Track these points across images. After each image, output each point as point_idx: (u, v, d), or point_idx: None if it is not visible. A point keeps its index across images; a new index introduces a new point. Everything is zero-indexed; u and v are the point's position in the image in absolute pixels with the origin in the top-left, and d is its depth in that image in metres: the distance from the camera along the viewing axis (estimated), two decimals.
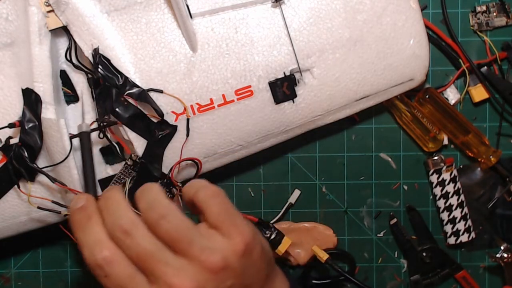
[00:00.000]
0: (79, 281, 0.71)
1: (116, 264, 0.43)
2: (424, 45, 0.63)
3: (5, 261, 0.70)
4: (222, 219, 0.46)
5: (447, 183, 0.68)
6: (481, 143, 0.68)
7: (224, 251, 0.44)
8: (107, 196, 0.47)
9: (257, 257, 0.47)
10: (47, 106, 0.57)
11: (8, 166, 0.58)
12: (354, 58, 0.62)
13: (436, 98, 0.67)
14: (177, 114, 0.60)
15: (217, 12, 0.60)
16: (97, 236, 0.44)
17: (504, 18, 0.68)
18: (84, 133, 0.55)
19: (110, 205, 0.46)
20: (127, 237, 0.44)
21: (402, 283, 0.71)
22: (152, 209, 0.45)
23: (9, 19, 0.58)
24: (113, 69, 0.58)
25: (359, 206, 0.71)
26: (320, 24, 0.61)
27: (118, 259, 0.44)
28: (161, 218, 0.44)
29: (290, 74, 0.61)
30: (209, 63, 0.60)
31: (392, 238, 0.71)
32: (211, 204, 0.46)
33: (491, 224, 0.70)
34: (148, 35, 0.59)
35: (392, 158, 0.70)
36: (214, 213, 0.46)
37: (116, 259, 0.43)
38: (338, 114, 0.64)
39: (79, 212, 0.46)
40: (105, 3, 0.59)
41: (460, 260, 0.71)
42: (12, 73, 0.58)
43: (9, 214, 0.60)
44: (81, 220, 0.46)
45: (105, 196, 0.47)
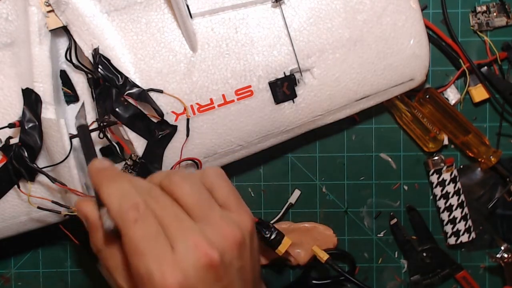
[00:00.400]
0: (79, 281, 0.71)
1: (148, 212, 0.42)
2: (424, 45, 0.63)
3: (5, 261, 0.70)
4: (232, 199, 0.46)
5: (447, 183, 0.68)
6: (481, 143, 0.68)
7: (240, 226, 0.44)
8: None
9: (257, 242, 0.47)
10: (47, 106, 0.57)
11: (8, 166, 0.58)
12: (354, 58, 0.62)
13: (436, 98, 0.67)
14: (177, 114, 0.60)
15: (217, 12, 0.60)
16: (128, 187, 0.43)
17: (504, 18, 0.68)
18: (82, 126, 0.55)
19: (131, 176, 0.46)
20: (152, 199, 0.43)
21: (402, 283, 0.71)
22: (170, 177, 0.45)
23: (9, 19, 0.58)
24: (113, 69, 0.58)
25: (359, 206, 0.71)
26: (320, 24, 0.61)
27: (149, 209, 0.42)
28: (181, 181, 0.44)
29: (290, 74, 0.61)
30: (209, 63, 0.60)
31: (392, 238, 0.71)
32: (221, 183, 0.46)
33: (491, 224, 0.70)
34: (148, 35, 0.59)
35: (392, 158, 0.70)
36: (224, 192, 0.46)
37: (147, 208, 0.42)
38: (338, 114, 0.64)
39: (109, 168, 0.45)
40: (105, 3, 0.59)
41: (460, 260, 0.71)
42: (12, 73, 0.58)
43: (9, 214, 0.60)
44: (111, 173, 0.45)
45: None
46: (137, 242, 0.41)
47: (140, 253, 0.41)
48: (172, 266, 0.40)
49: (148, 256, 0.41)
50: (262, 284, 0.51)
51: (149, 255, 0.41)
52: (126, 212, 0.41)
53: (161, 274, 0.40)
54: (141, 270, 0.41)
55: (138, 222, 0.41)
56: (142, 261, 0.41)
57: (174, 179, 0.44)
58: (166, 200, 0.44)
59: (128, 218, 0.41)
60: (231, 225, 0.43)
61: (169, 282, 0.40)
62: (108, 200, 0.43)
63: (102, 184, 0.44)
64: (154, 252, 0.41)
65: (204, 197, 0.44)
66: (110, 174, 0.45)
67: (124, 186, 0.43)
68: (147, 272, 0.40)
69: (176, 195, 0.44)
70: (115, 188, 0.43)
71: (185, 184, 0.44)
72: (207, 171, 0.47)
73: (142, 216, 0.41)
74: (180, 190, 0.44)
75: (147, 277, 0.40)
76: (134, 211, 0.41)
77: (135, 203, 0.42)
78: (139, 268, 0.41)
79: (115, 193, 0.43)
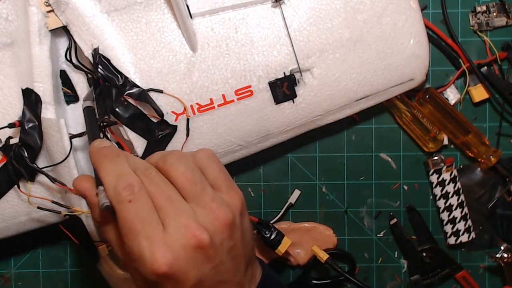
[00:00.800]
0: (79, 281, 0.71)
1: (142, 193, 0.43)
2: (424, 45, 0.63)
3: (5, 261, 0.70)
4: (222, 179, 0.47)
5: (447, 183, 0.68)
6: (481, 143, 0.68)
7: (230, 206, 0.45)
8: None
9: (249, 221, 0.48)
10: (47, 106, 0.57)
11: (8, 166, 0.58)
12: (354, 58, 0.62)
13: (436, 98, 0.67)
14: (177, 114, 0.60)
15: (217, 12, 0.60)
16: (125, 168, 0.45)
17: (504, 18, 0.68)
18: (88, 107, 0.56)
19: (129, 156, 0.47)
20: (147, 178, 0.44)
21: (402, 283, 0.71)
22: (165, 157, 0.46)
23: (9, 19, 0.58)
24: (113, 69, 0.58)
25: (359, 206, 0.71)
26: (320, 24, 0.61)
27: (143, 190, 0.43)
28: (176, 161, 0.45)
29: (290, 74, 0.61)
30: (209, 63, 0.60)
31: (392, 238, 0.71)
32: (212, 164, 0.47)
33: (491, 224, 0.70)
34: (148, 35, 0.59)
35: (392, 158, 0.70)
36: (215, 172, 0.47)
37: (142, 188, 0.43)
38: (338, 114, 0.64)
39: (108, 148, 0.47)
40: (105, 3, 0.59)
41: (460, 260, 0.71)
42: (12, 73, 0.58)
43: (9, 214, 0.60)
44: (109, 153, 0.46)
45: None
46: (131, 222, 0.42)
47: (133, 232, 0.42)
48: (162, 246, 0.42)
49: (140, 236, 0.42)
50: (255, 262, 0.52)
51: (141, 235, 0.42)
52: (121, 192, 0.43)
53: (151, 254, 0.41)
54: (133, 248, 0.42)
55: (132, 202, 0.42)
56: (135, 241, 0.42)
57: (169, 160, 0.45)
58: (160, 180, 0.45)
59: (123, 198, 0.43)
60: (222, 206, 0.44)
61: (160, 262, 0.41)
62: (105, 180, 0.44)
63: (100, 163, 0.45)
64: (146, 232, 0.42)
65: (197, 177, 0.45)
66: (109, 153, 0.46)
67: (121, 166, 0.45)
68: (139, 251, 0.42)
69: (170, 174, 0.45)
70: (112, 168, 0.45)
71: (179, 164, 0.45)
72: (199, 153, 0.47)
73: (136, 196, 0.43)
74: (174, 170, 0.45)
75: (138, 256, 0.42)
76: (128, 191, 0.43)
77: (130, 184, 0.43)
78: (131, 246, 0.42)
79: (112, 173, 0.44)
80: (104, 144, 0.47)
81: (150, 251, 0.41)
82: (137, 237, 0.42)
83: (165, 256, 0.42)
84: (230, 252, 0.45)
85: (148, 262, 0.41)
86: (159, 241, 0.42)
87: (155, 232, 0.42)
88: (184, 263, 0.42)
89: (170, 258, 0.42)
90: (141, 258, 0.42)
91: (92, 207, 0.47)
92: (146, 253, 0.42)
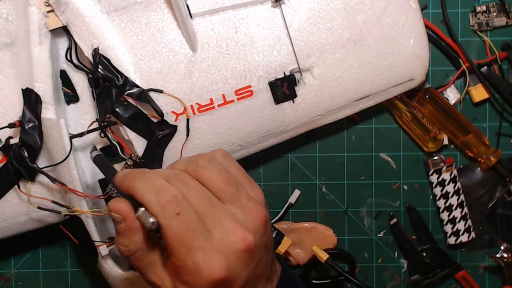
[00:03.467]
0: (79, 281, 0.71)
1: (186, 202, 0.42)
2: (424, 45, 0.63)
3: (5, 261, 0.70)
4: (243, 176, 0.46)
5: (447, 183, 0.68)
6: (481, 143, 0.68)
7: (260, 203, 0.45)
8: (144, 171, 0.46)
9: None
10: (47, 106, 0.57)
11: (8, 166, 0.58)
12: (354, 58, 0.62)
13: (436, 98, 0.67)
14: (177, 114, 0.60)
15: (217, 12, 0.60)
16: (160, 181, 0.43)
17: (504, 18, 0.68)
18: (98, 156, 0.56)
19: (156, 170, 0.46)
20: (184, 185, 0.43)
21: (402, 283, 0.71)
22: (196, 161, 0.45)
23: (9, 19, 0.58)
24: (113, 69, 0.58)
25: (359, 206, 0.71)
26: (320, 24, 0.61)
27: (186, 199, 0.42)
28: (208, 163, 0.44)
29: (290, 74, 0.61)
30: (209, 63, 0.60)
31: (392, 238, 0.71)
32: (231, 163, 0.46)
33: (491, 224, 0.70)
34: (148, 35, 0.59)
35: (392, 158, 0.70)
36: (234, 170, 0.46)
37: (185, 198, 0.42)
38: (338, 114, 0.64)
39: (133, 171, 0.45)
40: (105, 3, 0.59)
41: (460, 260, 0.71)
42: (12, 73, 0.58)
43: (9, 214, 0.60)
44: (137, 174, 0.44)
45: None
46: (181, 235, 0.41)
47: (186, 245, 0.41)
48: (216, 254, 0.41)
49: (194, 248, 0.41)
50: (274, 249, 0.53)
51: (194, 246, 0.41)
52: (166, 206, 0.41)
53: (207, 264, 0.41)
54: (187, 262, 0.41)
55: (180, 215, 0.41)
56: (188, 254, 0.41)
57: (201, 163, 0.44)
58: (197, 185, 0.44)
59: (170, 212, 0.41)
60: (256, 204, 0.44)
61: (217, 271, 0.41)
62: (145, 198, 0.42)
63: (133, 185, 0.43)
64: (198, 243, 0.41)
65: (231, 178, 0.45)
66: (136, 174, 0.44)
67: (155, 180, 0.43)
68: (194, 263, 0.41)
69: (204, 178, 0.44)
70: (147, 185, 0.43)
71: (213, 167, 0.44)
72: (216, 154, 0.46)
73: (183, 207, 0.41)
74: (209, 173, 0.44)
75: (193, 268, 0.41)
76: (173, 203, 0.41)
77: (173, 195, 0.42)
78: (184, 260, 0.41)
79: (149, 190, 0.42)
80: (126, 171, 0.46)
81: (205, 261, 0.41)
82: (191, 250, 0.41)
83: (220, 263, 0.41)
84: (265, 246, 0.45)
85: (206, 273, 0.41)
86: (211, 249, 0.41)
87: (206, 241, 0.41)
88: (236, 267, 0.42)
89: (224, 264, 0.41)
90: (197, 270, 0.41)
91: (128, 234, 0.44)
92: (202, 263, 0.41)
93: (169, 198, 0.41)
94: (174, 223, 0.41)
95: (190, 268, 0.41)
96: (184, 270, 0.42)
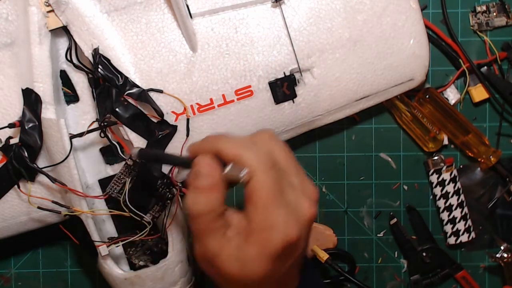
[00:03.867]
0: (79, 281, 0.71)
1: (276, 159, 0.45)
2: (424, 45, 0.63)
3: (5, 261, 0.70)
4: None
5: (447, 183, 0.68)
6: (481, 143, 0.68)
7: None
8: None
9: None
10: (47, 106, 0.57)
11: (8, 166, 0.58)
12: (354, 58, 0.62)
13: (436, 98, 0.67)
14: (177, 114, 0.60)
15: (217, 12, 0.60)
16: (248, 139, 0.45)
17: (504, 18, 0.68)
18: (141, 150, 0.54)
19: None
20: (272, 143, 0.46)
21: (402, 283, 0.71)
22: (263, 133, 0.46)
23: (9, 19, 0.58)
24: (113, 69, 0.58)
25: (359, 206, 0.71)
26: (320, 24, 0.61)
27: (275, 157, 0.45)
28: (274, 136, 0.46)
29: (290, 74, 0.61)
30: (209, 63, 0.60)
31: (392, 238, 0.71)
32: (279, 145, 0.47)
33: (491, 224, 0.70)
34: (148, 35, 0.59)
35: (392, 158, 0.70)
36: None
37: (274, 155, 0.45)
38: (338, 114, 0.64)
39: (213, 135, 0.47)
40: (105, 3, 0.59)
41: (460, 260, 0.71)
42: (12, 73, 0.58)
43: (9, 214, 0.60)
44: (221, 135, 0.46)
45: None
46: (272, 190, 0.42)
47: (272, 201, 0.42)
48: (293, 216, 0.43)
49: (279, 205, 0.43)
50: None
51: (280, 204, 0.43)
52: (261, 158, 0.43)
53: (286, 224, 0.42)
54: (269, 218, 0.42)
55: (273, 169, 0.43)
56: (273, 210, 0.42)
57: (270, 133, 0.46)
58: (283, 146, 0.46)
59: (265, 165, 0.43)
60: (309, 181, 0.46)
61: (293, 233, 0.43)
62: (239, 152, 0.44)
63: (220, 144, 0.44)
64: (283, 201, 0.43)
65: (291, 154, 0.46)
66: (221, 136, 0.46)
67: (243, 139, 0.45)
68: (275, 221, 0.42)
69: (273, 149, 0.46)
70: (236, 142, 0.45)
71: (278, 141, 0.46)
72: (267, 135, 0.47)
73: (274, 164, 0.43)
74: (279, 146, 0.46)
75: (273, 226, 0.42)
76: (268, 157, 0.44)
77: (268, 149, 0.44)
78: (268, 216, 0.42)
79: (241, 145, 0.44)
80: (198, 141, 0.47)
81: (285, 220, 0.42)
82: (276, 206, 0.42)
83: (296, 225, 0.43)
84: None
85: (283, 231, 0.42)
86: (291, 210, 0.43)
87: (287, 201, 0.43)
88: (304, 233, 0.44)
89: (297, 227, 0.43)
90: (275, 228, 0.42)
91: (208, 192, 0.44)
92: (281, 222, 0.42)
93: (264, 151, 0.44)
94: (267, 176, 0.42)
95: (268, 225, 0.42)
96: (261, 227, 0.42)
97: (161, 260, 0.61)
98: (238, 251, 0.43)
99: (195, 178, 0.44)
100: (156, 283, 0.61)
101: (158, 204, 0.58)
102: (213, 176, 0.44)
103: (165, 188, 0.58)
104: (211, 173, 0.44)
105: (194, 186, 0.44)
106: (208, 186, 0.44)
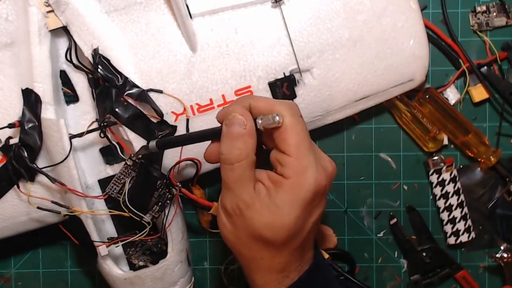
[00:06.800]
0: (79, 281, 0.71)
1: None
2: (424, 45, 0.63)
3: (5, 261, 0.70)
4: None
5: (447, 183, 0.68)
6: (481, 143, 0.68)
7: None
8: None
9: None
10: (47, 106, 0.57)
11: (8, 166, 0.58)
12: (354, 59, 0.62)
13: (436, 98, 0.67)
14: (177, 114, 0.60)
15: (217, 12, 0.60)
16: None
17: (504, 18, 0.68)
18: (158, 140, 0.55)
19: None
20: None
21: (402, 283, 0.71)
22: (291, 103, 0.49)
23: (9, 19, 0.58)
24: (113, 69, 0.58)
25: (359, 206, 0.71)
26: (320, 24, 0.61)
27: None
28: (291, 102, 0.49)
29: (290, 75, 0.61)
30: (209, 64, 0.60)
31: (392, 238, 0.71)
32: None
33: (491, 224, 0.70)
34: (148, 35, 0.59)
35: (392, 158, 0.70)
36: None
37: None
38: (338, 114, 0.64)
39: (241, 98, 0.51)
40: (105, 3, 0.59)
41: (460, 260, 0.71)
42: (12, 73, 0.58)
43: (9, 214, 0.60)
44: (249, 96, 0.53)
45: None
46: (303, 135, 0.46)
47: (305, 145, 0.46)
48: (322, 168, 0.47)
49: (311, 150, 0.47)
50: None
51: (311, 149, 0.47)
52: (292, 107, 0.47)
53: (316, 170, 0.46)
54: (303, 161, 0.46)
55: (301, 118, 0.47)
56: (307, 154, 0.46)
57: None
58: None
59: (296, 113, 0.47)
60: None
61: (324, 179, 0.47)
62: (270, 102, 0.47)
63: (250, 101, 0.48)
64: (313, 148, 0.47)
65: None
66: (248, 97, 0.49)
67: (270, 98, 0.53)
68: (307, 166, 0.46)
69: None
70: (265, 99, 0.49)
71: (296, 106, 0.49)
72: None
73: (301, 115, 0.48)
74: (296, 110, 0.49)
75: (306, 170, 0.46)
76: (297, 108, 0.48)
77: (294, 103, 0.48)
78: (301, 159, 0.46)
79: (270, 100, 0.48)
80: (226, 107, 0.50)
81: (316, 166, 0.46)
82: (309, 150, 0.46)
83: (325, 172, 0.47)
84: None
85: (314, 177, 0.46)
86: (318, 161, 0.47)
87: (315, 152, 0.47)
88: (328, 186, 0.48)
89: (326, 177, 0.47)
90: (308, 172, 0.46)
91: (245, 138, 0.47)
92: (313, 166, 0.46)
93: (292, 103, 0.48)
94: (298, 121, 0.46)
95: (301, 169, 0.46)
96: (294, 171, 0.46)
97: (160, 260, 0.61)
98: (270, 199, 0.46)
99: (230, 125, 0.47)
100: (155, 283, 0.61)
101: (158, 204, 0.59)
102: (248, 122, 0.47)
103: (165, 188, 0.58)
104: (246, 118, 0.47)
105: (230, 133, 0.47)
106: (244, 132, 0.47)
